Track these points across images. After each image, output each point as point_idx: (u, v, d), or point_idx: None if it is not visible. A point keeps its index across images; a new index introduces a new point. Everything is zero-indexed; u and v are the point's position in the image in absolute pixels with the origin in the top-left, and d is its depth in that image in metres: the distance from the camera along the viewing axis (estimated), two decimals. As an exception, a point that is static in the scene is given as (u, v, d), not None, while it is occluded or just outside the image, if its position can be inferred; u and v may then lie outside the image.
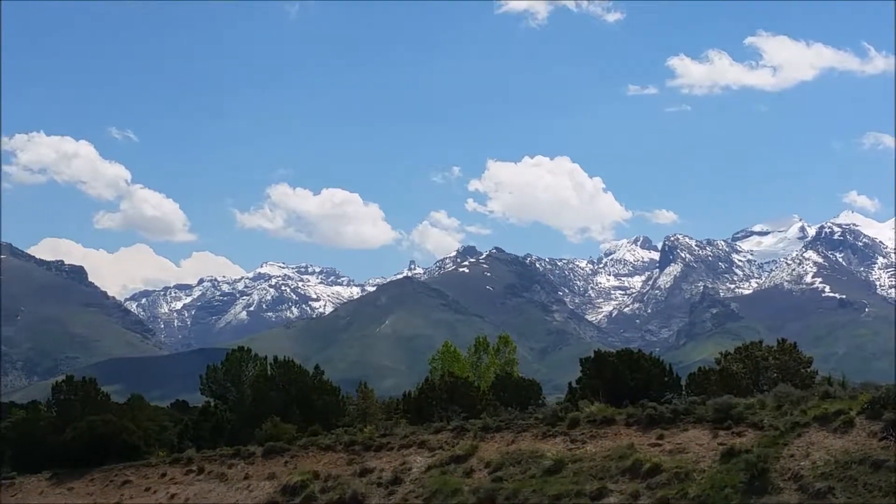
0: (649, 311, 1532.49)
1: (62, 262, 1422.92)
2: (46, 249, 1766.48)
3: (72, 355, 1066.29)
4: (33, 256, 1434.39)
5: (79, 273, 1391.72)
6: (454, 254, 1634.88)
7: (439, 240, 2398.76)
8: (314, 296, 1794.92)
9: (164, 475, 68.34)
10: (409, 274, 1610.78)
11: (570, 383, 79.53)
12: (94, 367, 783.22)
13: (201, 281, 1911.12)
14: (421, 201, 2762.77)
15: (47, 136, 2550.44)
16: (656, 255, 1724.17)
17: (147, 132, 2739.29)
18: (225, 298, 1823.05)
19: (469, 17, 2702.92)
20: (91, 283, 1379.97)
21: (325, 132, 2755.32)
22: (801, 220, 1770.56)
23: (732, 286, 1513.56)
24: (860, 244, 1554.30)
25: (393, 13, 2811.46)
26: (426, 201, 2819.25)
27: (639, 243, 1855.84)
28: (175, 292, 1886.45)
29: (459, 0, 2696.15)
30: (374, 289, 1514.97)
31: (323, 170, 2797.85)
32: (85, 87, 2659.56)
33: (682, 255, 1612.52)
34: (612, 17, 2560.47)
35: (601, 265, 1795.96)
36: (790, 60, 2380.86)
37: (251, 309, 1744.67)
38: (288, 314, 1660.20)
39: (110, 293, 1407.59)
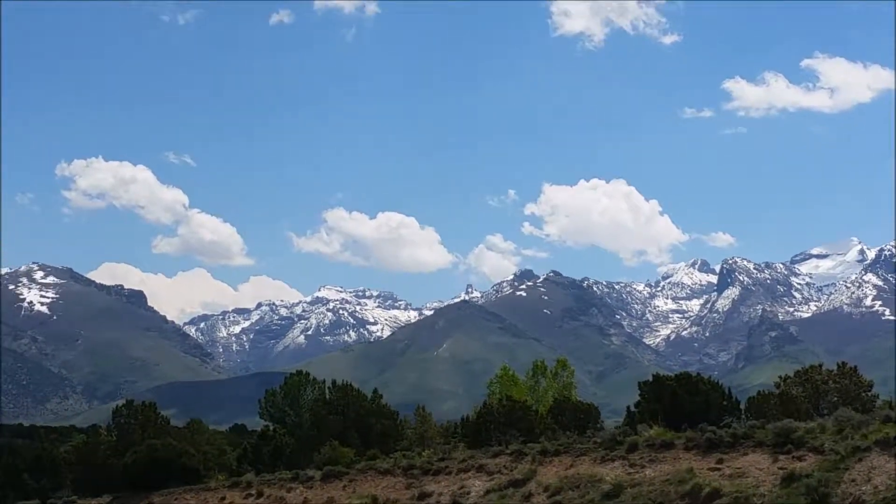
0: (707, 334, 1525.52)
1: (121, 286, 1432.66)
2: (106, 274, 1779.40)
3: (131, 379, 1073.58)
4: (93, 281, 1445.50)
5: (138, 297, 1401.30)
6: (511, 277, 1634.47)
7: (496, 263, 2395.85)
8: (372, 319, 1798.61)
9: (223, 499, 68.65)
10: (467, 297, 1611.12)
11: (628, 407, 79.42)
12: (153, 391, 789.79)
13: (259, 305, 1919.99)
14: (477, 225, 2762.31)
15: (105, 161, 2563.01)
16: (714, 279, 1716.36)
17: (204, 157, 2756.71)
18: (283, 322, 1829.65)
19: (525, 41, 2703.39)
20: (150, 308, 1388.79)
21: (381, 156, 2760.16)
22: (860, 242, 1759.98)
23: (791, 309, 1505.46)
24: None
25: (448, 37, 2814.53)
26: (482, 225, 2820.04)
27: (696, 266, 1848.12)
28: (233, 316, 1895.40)
29: (515, 23, 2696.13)
30: (431, 312, 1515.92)
31: (378, 194, 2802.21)
32: (142, 112, 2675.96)
33: (741, 278, 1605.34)
34: (668, 40, 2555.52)
35: (658, 288, 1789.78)
36: (847, 82, 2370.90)
37: (309, 333, 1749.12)
38: (346, 338, 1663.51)
39: (169, 317, 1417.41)
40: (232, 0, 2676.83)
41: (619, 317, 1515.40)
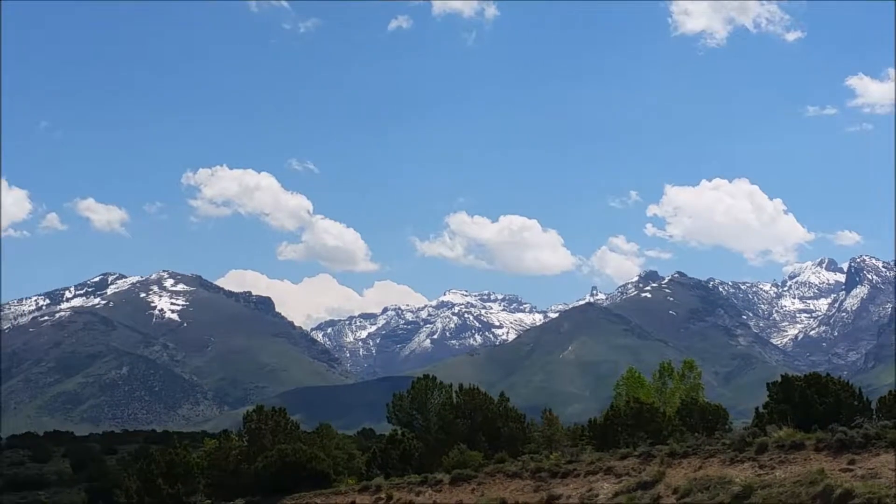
0: (836, 333, 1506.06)
1: (249, 293, 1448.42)
2: (233, 281, 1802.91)
3: (260, 385, 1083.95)
4: (222, 288, 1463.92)
5: (266, 304, 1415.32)
6: (636, 279, 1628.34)
7: (619, 265, 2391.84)
8: (497, 323, 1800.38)
9: (353, 503, 69.11)
10: (591, 300, 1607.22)
11: (756, 408, 78.70)
12: (281, 397, 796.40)
13: (385, 310, 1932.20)
14: (599, 227, 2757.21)
15: (230, 169, 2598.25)
16: (842, 277, 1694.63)
17: (327, 163, 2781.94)
18: (409, 327, 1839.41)
19: (645, 41, 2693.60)
20: (278, 314, 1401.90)
21: (502, 159, 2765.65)
22: None
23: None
24: None
25: (569, 39, 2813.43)
26: (605, 226, 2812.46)
27: (823, 265, 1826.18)
28: (360, 321, 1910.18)
29: (635, 24, 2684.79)
30: (556, 315, 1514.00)
31: (500, 197, 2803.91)
32: (264, 120, 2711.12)
33: (869, 276, 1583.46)
34: (791, 37, 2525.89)
35: (785, 288, 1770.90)
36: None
37: (435, 337, 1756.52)
38: (471, 341, 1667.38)
39: (296, 323, 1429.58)
40: (351, 7, 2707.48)
41: (745, 317, 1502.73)
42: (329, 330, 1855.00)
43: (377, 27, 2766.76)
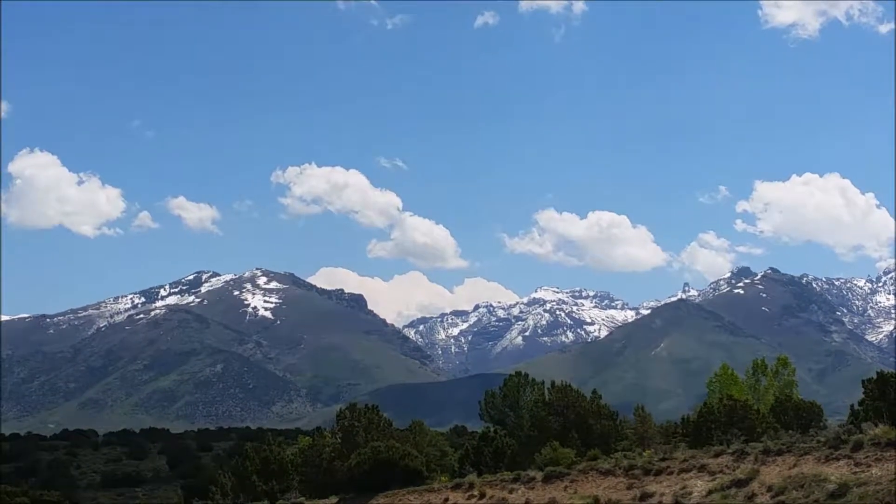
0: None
1: (342, 290, 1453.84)
2: (324, 278, 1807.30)
3: (353, 382, 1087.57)
4: (314, 286, 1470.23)
5: (358, 301, 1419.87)
6: (728, 275, 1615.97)
7: (709, 260, 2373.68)
8: (589, 319, 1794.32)
9: (446, 500, 69.15)
10: (683, 296, 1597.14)
11: (851, 405, 78.11)
12: (374, 394, 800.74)
13: (477, 307, 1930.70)
14: (689, 222, 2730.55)
15: (318, 167, 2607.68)
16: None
17: (415, 160, 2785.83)
18: (500, 324, 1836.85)
19: (734, 34, 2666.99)
20: (370, 311, 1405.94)
21: (589, 155, 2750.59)
22: None
23: None
24: None
25: (657, 33, 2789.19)
26: (694, 222, 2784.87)
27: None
28: (451, 318, 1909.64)
29: (724, 16, 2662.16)
30: (648, 312, 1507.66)
31: (588, 193, 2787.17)
32: (352, 118, 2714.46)
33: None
34: (884, 28, 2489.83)
35: (880, 284, 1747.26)
36: None
37: (526, 334, 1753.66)
38: (563, 338, 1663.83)
39: (388, 321, 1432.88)
40: (438, 3, 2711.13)
41: (839, 313, 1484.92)
42: (421, 327, 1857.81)
43: (464, 23, 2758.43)
